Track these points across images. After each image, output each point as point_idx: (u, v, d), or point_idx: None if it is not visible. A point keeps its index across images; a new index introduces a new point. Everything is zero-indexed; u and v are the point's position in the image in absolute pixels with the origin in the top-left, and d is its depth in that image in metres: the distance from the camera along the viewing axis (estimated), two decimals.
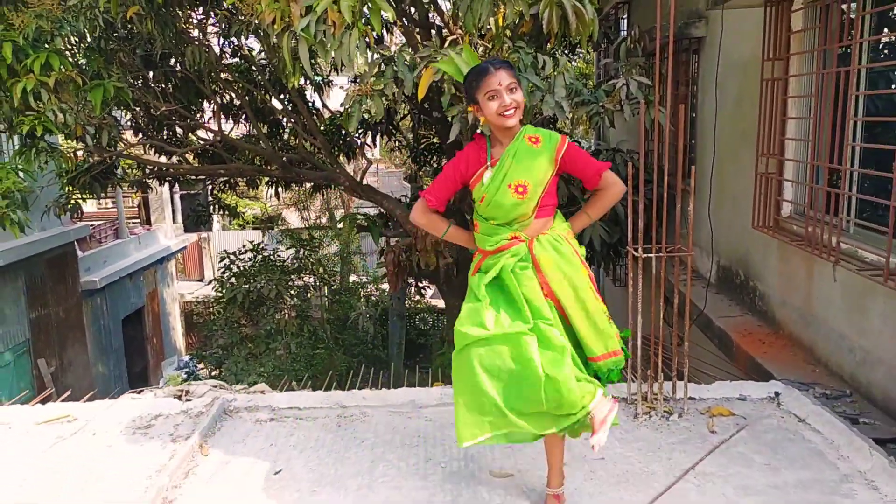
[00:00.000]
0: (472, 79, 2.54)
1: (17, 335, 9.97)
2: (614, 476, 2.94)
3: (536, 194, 2.51)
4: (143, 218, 16.38)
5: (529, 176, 2.49)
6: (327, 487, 2.90)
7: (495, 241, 2.56)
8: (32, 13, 5.65)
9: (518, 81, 2.53)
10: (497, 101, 2.47)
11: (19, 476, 3.10)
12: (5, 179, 6.33)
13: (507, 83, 2.48)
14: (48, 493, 2.94)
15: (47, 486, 3.00)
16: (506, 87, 2.48)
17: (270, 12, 3.56)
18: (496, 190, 2.51)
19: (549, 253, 2.52)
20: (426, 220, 2.72)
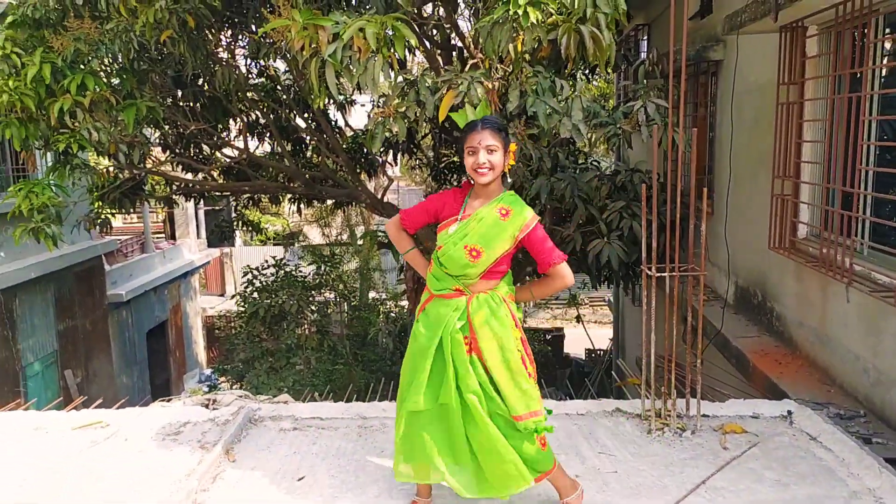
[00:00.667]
0: (463, 132, 2.77)
1: (45, 346, 10.23)
2: (627, 488, 3.02)
3: (488, 262, 2.71)
4: (169, 233, 16.72)
5: (486, 245, 2.68)
6: (348, 493, 3.02)
7: (440, 287, 2.76)
8: (71, 36, 5.91)
9: (504, 144, 2.70)
10: (473, 158, 2.68)
11: (56, 477, 3.24)
12: (41, 195, 6.58)
13: (487, 143, 2.66)
14: (84, 494, 3.07)
15: (83, 486, 3.14)
16: (485, 147, 2.66)
17: (300, 39, 3.73)
18: (454, 245, 2.70)
19: (483, 311, 2.71)
20: (396, 234, 2.97)
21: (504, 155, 2.70)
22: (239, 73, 7.31)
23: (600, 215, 6.32)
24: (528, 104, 4.30)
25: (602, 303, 21.11)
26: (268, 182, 9.25)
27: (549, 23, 4.07)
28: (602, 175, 6.42)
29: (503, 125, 2.74)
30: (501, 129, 2.71)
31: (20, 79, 5.96)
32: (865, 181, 4.23)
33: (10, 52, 6.00)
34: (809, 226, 4.97)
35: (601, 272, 6.84)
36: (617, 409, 3.85)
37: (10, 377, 9.29)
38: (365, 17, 3.87)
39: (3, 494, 3.10)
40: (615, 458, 3.31)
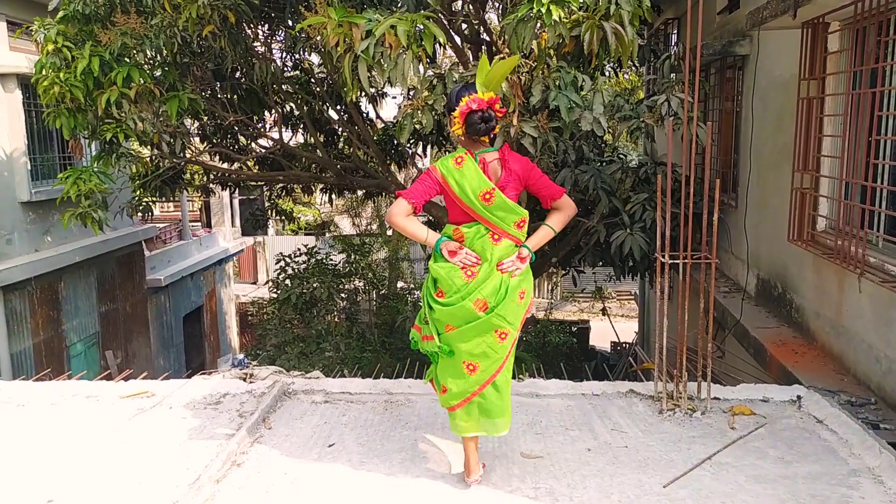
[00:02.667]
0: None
1: (88, 327, 10.69)
2: (635, 461, 3.21)
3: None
4: (205, 221, 17.18)
5: None
6: (375, 459, 3.26)
7: None
8: (118, 31, 6.23)
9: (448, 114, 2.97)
10: None
11: (107, 440, 3.54)
12: (88, 181, 6.94)
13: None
14: (132, 455, 3.36)
15: (131, 449, 3.43)
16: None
17: (335, 36, 3.96)
18: None
19: None
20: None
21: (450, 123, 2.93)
22: (275, 66, 7.58)
23: (624, 207, 6.46)
24: (550, 98, 4.48)
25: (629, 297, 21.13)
26: (301, 172, 9.54)
27: (572, 19, 4.24)
28: (626, 168, 6.56)
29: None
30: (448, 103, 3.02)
31: (70, 71, 6.30)
32: (882, 175, 4.32)
33: (61, 46, 6.35)
34: (828, 219, 5.06)
35: (624, 264, 6.98)
36: (631, 391, 4.03)
37: (56, 356, 9.75)
38: (396, 14, 4.09)
39: (60, 453, 3.40)
40: (626, 434, 3.50)
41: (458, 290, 2.85)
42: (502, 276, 2.88)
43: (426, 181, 2.89)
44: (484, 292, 2.84)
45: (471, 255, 2.87)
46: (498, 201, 2.86)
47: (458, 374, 2.92)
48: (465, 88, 2.94)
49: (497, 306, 2.85)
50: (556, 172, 6.17)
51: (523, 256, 2.93)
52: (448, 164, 2.89)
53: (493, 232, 2.89)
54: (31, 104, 9.09)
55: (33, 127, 9.23)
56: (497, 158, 2.93)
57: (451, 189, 2.87)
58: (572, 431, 3.54)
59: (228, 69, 7.24)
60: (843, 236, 4.44)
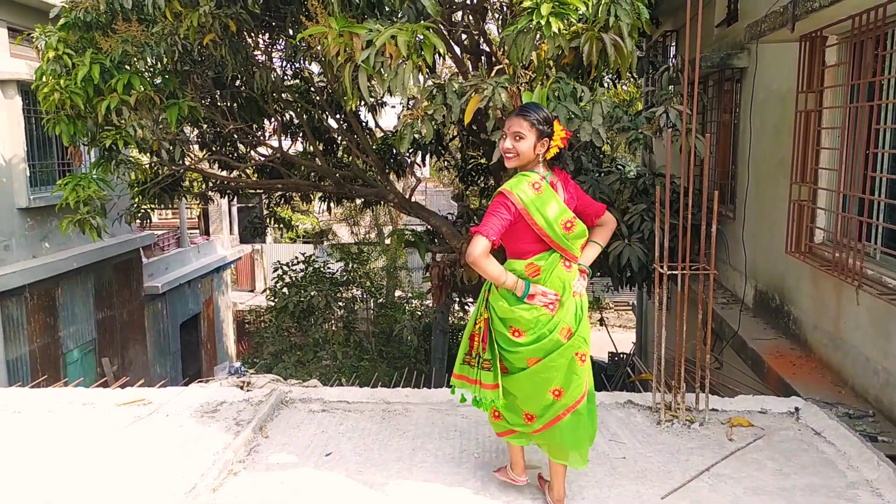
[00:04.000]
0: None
1: (84, 334, 10.66)
2: (633, 472, 3.20)
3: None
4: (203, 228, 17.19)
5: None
6: (372, 468, 3.25)
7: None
8: (119, 38, 6.25)
9: (537, 133, 2.72)
10: (503, 142, 2.80)
11: (104, 448, 3.52)
12: (87, 188, 6.95)
13: (513, 130, 2.74)
14: (129, 463, 3.34)
15: (128, 457, 3.41)
16: (512, 133, 2.75)
17: (335, 45, 3.98)
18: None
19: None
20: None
21: (535, 143, 2.71)
22: (275, 75, 7.60)
23: (622, 218, 6.47)
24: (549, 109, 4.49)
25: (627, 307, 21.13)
26: (300, 180, 9.55)
27: (571, 31, 4.26)
28: (624, 178, 6.58)
29: (537, 116, 2.73)
30: (534, 119, 2.71)
31: (70, 78, 6.32)
32: (880, 188, 4.34)
33: (61, 53, 6.37)
34: (825, 231, 5.08)
35: (622, 274, 6.99)
36: (629, 401, 4.02)
37: (53, 363, 9.72)
38: (397, 25, 4.11)
39: (55, 461, 3.39)
40: (624, 445, 3.49)
41: (543, 325, 2.72)
42: (576, 302, 2.80)
43: (502, 213, 2.66)
44: (567, 319, 2.75)
45: (549, 293, 2.72)
46: (578, 230, 2.75)
47: (544, 401, 2.78)
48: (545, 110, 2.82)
49: (578, 328, 2.77)
50: None
51: (585, 272, 2.85)
52: (526, 191, 2.68)
53: (566, 258, 2.78)
54: (31, 110, 9.11)
55: (33, 133, 9.24)
56: (559, 180, 2.83)
57: (531, 218, 2.67)
58: None
59: (228, 77, 7.27)
60: (840, 248, 4.46)
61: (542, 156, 2.75)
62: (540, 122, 2.72)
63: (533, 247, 2.75)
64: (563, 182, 2.84)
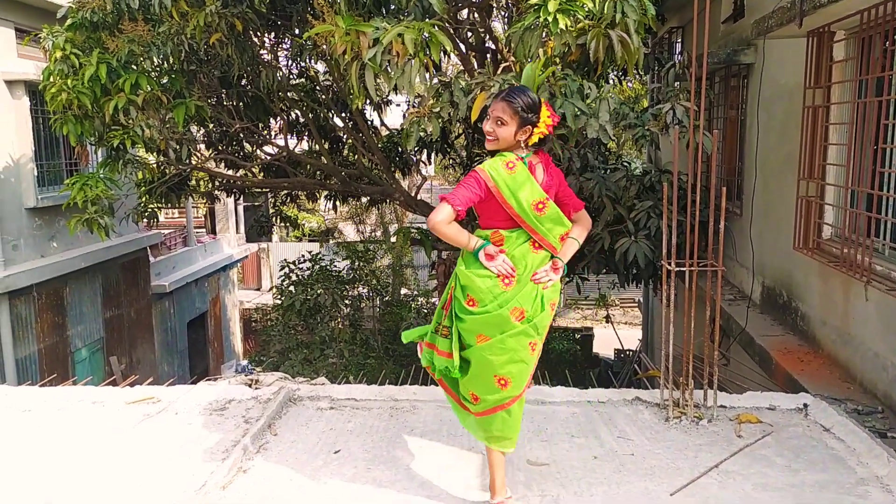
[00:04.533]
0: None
1: (92, 333, 10.72)
2: (642, 469, 3.20)
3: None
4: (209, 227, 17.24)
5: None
6: (381, 465, 3.26)
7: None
8: (126, 38, 6.27)
9: (518, 118, 2.70)
10: (485, 124, 2.81)
11: (113, 446, 3.55)
12: (94, 187, 6.98)
13: (496, 115, 2.74)
14: (139, 460, 3.37)
15: (137, 455, 3.44)
16: (494, 117, 2.74)
17: (342, 43, 3.98)
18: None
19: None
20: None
21: (517, 129, 2.71)
22: (281, 74, 7.62)
23: (628, 215, 6.47)
24: (556, 105, 4.49)
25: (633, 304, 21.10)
26: (305, 179, 9.58)
27: (578, 28, 4.26)
28: (630, 175, 6.57)
29: (522, 103, 2.70)
30: (518, 106, 2.70)
31: (78, 78, 6.35)
32: (888, 183, 4.33)
33: (69, 53, 6.40)
34: (833, 227, 5.06)
35: (629, 271, 6.99)
36: (637, 398, 4.02)
37: (61, 361, 9.78)
38: (404, 23, 4.11)
39: (66, 459, 3.41)
40: (633, 442, 3.49)
41: (494, 297, 2.70)
42: (537, 288, 2.75)
43: (472, 186, 2.68)
44: (521, 301, 2.71)
45: (507, 265, 2.71)
46: (550, 212, 2.74)
47: (489, 387, 2.77)
48: (533, 96, 2.79)
49: (534, 316, 2.73)
50: None
51: (557, 267, 2.81)
52: (499, 169, 2.70)
53: (535, 239, 2.76)
54: (39, 111, 9.15)
55: (40, 133, 9.30)
56: (540, 162, 2.81)
57: (502, 196, 2.69)
58: (578, 439, 3.54)
59: (235, 76, 7.29)
60: (848, 244, 4.44)
61: (525, 141, 2.75)
62: (524, 109, 2.70)
63: (501, 223, 2.76)
64: (545, 164, 2.83)
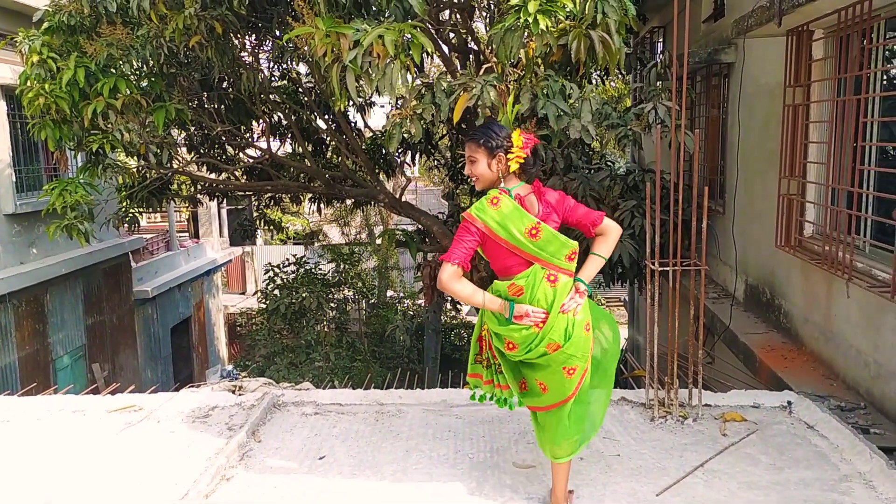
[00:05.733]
0: None
1: (74, 340, 10.57)
2: (628, 470, 3.20)
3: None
4: (192, 231, 17.09)
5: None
6: (366, 471, 3.23)
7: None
8: (104, 42, 6.19)
9: (488, 153, 2.74)
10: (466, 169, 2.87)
11: (95, 455, 3.49)
12: (74, 193, 6.88)
13: (468, 155, 2.80)
14: (121, 470, 3.31)
15: (119, 464, 3.38)
16: (468, 159, 2.81)
17: (322, 46, 3.95)
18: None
19: None
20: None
21: (490, 162, 2.74)
22: (262, 76, 7.56)
23: (612, 214, 6.47)
24: (538, 106, 4.49)
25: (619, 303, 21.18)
26: (289, 182, 9.51)
27: (559, 29, 4.25)
28: (614, 175, 6.58)
29: (484, 134, 2.75)
30: (480, 139, 2.74)
31: (55, 82, 6.25)
32: (868, 181, 4.36)
33: (46, 57, 6.30)
34: (815, 224, 5.10)
35: (613, 270, 7.00)
36: (622, 398, 4.02)
37: (42, 369, 9.63)
38: (384, 24, 4.08)
39: (46, 470, 3.35)
40: (619, 442, 3.49)
41: (531, 341, 2.70)
42: (567, 318, 2.71)
43: (466, 237, 2.70)
44: (554, 336, 2.69)
45: (538, 313, 2.68)
46: (546, 235, 2.69)
47: (533, 387, 2.82)
48: (498, 124, 2.82)
49: (565, 345, 2.71)
50: (545, 180, 6.18)
51: (581, 291, 2.76)
52: (485, 209, 2.70)
53: (549, 272, 2.72)
54: (16, 115, 9.01)
55: (18, 138, 9.15)
56: (531, 192, 2.79)
57: (494, 233, 2.68)
58: None
59: (215, 79, 7.22)
60: (830, 242, 4.47)
61: (505, 170, 2.75)
62: (488, 139, 2.74)
63: (512, 261, 2.74)
64: (538, 193, 2.80)
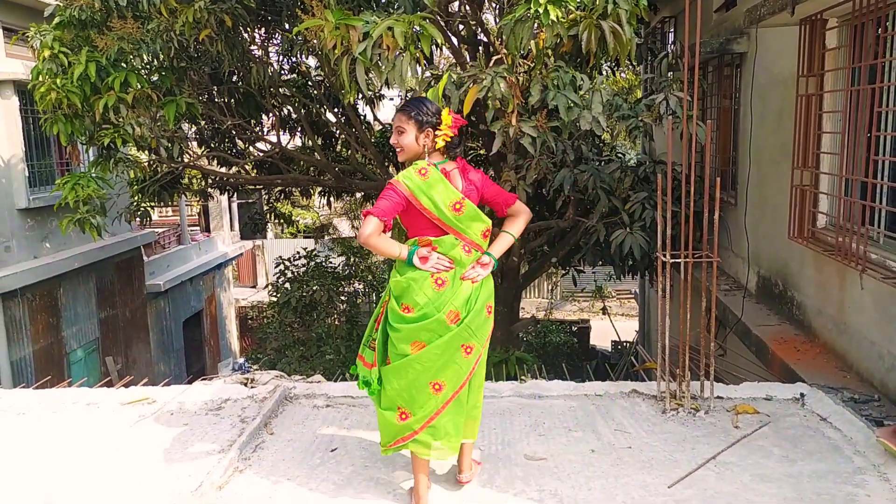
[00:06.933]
0: None
1: (88, 333, 10.67)
2: (640, 462, 3.19)
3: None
4: (203, 225, 17.16)
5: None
6: (378, 463, 3.24)
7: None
8: (115, 36, 6.21)
9: (414, 122, 2.80)
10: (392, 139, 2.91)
11: (109, 447, 3.52)
12: (86, 187, 6.92)
13: (396, 125, 2.86)
14: (135, 462, 3.34)
15: (133, 456, 3.41)
16: (395, 129, 2.86)
17: (332, 38, 3.95)
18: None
19: None
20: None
21: (417, 136, 2.79)
22: (272, 69, 7.56)
23: (623, 206, 6.45)
24: (549, 98, 4.47)
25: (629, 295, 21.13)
26: (299, 175, 9.53)
27: (569, 19, 4.23)
28: (625, 167, 6.55)
29: (416, 108, 2.80)
30: (411, 111, 2.80)
31: (67, 77, 6.28)
32: (882, 171, 4.31)
33: (57, 52, 6.34)
34: (828, 216, 5.05)
35: (624, 262, 6.97)
36: (634, 391, 4.01)
37: (56, 363, 9.73)
38: (394, 16, 4.07)
39: (61, 462, 3.39)
40: (630, 434, 3.48)
41: (429, 300, 2.72)
42: (472, 287, 2.79)
43: (392, 197, 2.74)
44: (456, 303, 2.74)
45: (443, 260, 2.75)
46: (468, 210, 2.79)
47: (423, 395, 2.77)
48: (431, 102, 2.89)
49: (466, 317, 2.75)
50: (555, 172, 6.16)
51: (484, 263, 2.83)
52: (413, 177, 2.76)
53: (465, 243, 2.80)
54: (28, 110, 9.08)
55: (30, 133, 9.22)
56: (456, 168, 2.88)
57: (419, 202, 2.75)
58: (575, 433, 3.53)
59: (225, 73, 7.23)
60: (843, 233, 4.43)
61: (431, 146, 2.81)
62: (419, 113, 2.80)
63: (428, 231, 2.81)
64: (462, 171, 2.89)
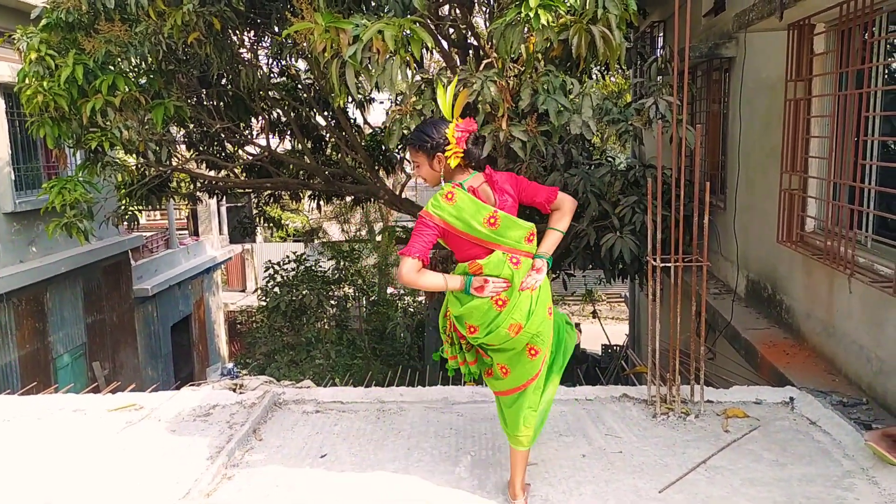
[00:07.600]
0: None
1: (74, 338, 10.56)
2: (630, 467, 3.19)
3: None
4: (192, 229, 17.07)
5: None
6: (368, 469, 3.22)
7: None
8: (102, 38, 6.16)
9: (421, 152, 2.82)
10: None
11: (95, 455, 3.48)
12: (73, 191, 6.86)
13: (411, 159, 2.93)
14: (122, 469, 3.30)
15: (120, 463, 3.37)
16: (413, 164, 2.93)
17: (321, 41, 3.93)
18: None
19: None
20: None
21: (431, 164, 2.81)
22: (261, 72, 7.53)
23: (613, 210, 6.46)
24: (539, 102, 4.47)
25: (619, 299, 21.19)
26: (288, 179, 9.48)
27: (559, 24, 4.23)
28: (615, 171, 6.56)
29: (418, 138, 2.81)
30: (415, 143, 2.83)
31: (54, 80, 6.23)
32: (870, 175, 4.34)
33: (44, 55, 6.27)
34: (816, 220, 5.08)
35: (615, 266, 6.98)
36: (624, 395, 4.01)
37: (42, 368, 9.62)
38: (384, 19, 4.06)
39: (47, 469, 3.34)
40: (621, 439, 3.48)
41: (492, 320, 2.73)
42: (531, 297, 2.77)
43: (424, 231, 2.73)
44: (516, 316, 2.73)
45: (498, 283, 2.73)
46: (503, 221, 2.74)
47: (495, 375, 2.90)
48: (434, 124, 2.84)
49: (528, 324, 2.75)
50: (546, 176, 6.16)
51: (538, 268, 2.80)
52: (440, 205, 2.74)
53: (510, 256, 2.76)
54: (15, 113, 8.99)
55: (17, 136, 9.12)
56: (483, 182, 2.84)
57: (453, 227, 2.73)
58: (566, 437, 3.52)
59: (214, 76, 7.19)
60: (832, 237, 4.46)
61: (447, 168, 2.80)
62: (423, 142, 2.80)
63: (474, 250, 2.79)
64: (491, 182, 2.84)
